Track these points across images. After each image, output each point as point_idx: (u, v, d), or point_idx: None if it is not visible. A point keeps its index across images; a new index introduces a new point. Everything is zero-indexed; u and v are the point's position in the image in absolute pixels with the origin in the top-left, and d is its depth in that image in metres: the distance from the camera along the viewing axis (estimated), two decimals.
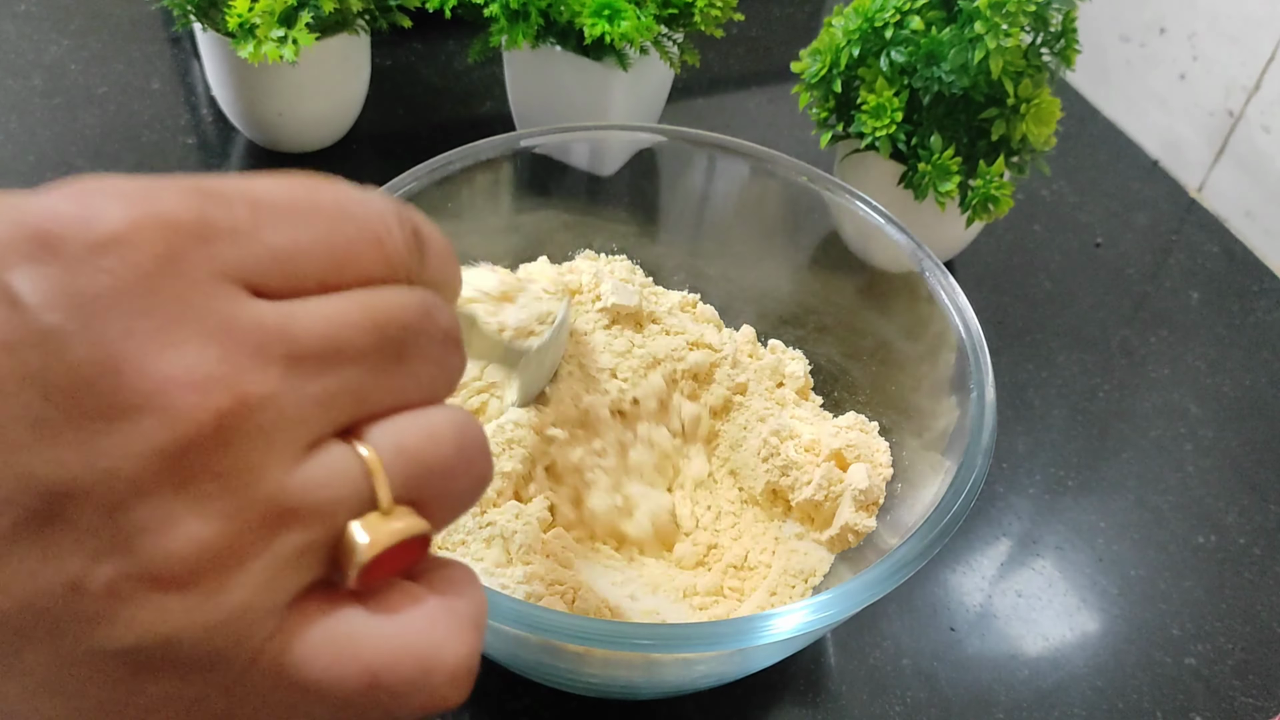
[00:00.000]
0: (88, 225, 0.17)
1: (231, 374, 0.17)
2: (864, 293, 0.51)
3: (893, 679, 0.47)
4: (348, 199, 0.20)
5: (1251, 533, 0.55)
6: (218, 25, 0.59)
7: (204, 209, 0.18)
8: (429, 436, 0.20)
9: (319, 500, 0.18)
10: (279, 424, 0.18)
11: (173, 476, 0.17)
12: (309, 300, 0.19)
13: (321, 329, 0.18)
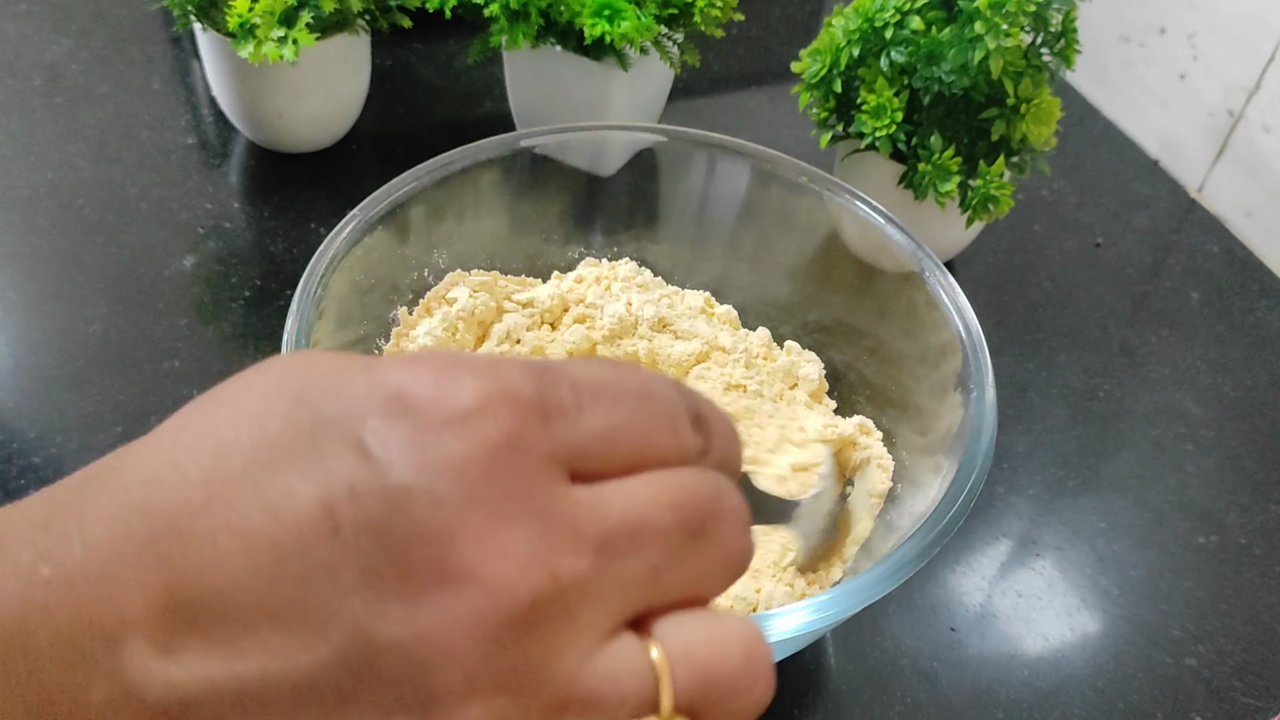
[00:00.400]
0: (445, 394, 0.18)
1: (550, 554, 0.18)
2: (864, 293, 0.51)
3: (893, 679, 0.47)
4: (648, 383, 0.21)
5: (1252, 533, 0.55)
6: (218, 25, 0.59)
7: (543, 389, 0.19)
8: (718, 645, 0.19)
9: (606, 695, 0.18)
10: (585, 606, 0.18)
11: (484, 650, 0.17)
12: (616, 483, 0.19)
13: (629, 510, 0.19)
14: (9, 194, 0.63)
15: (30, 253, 0.60)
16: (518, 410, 0.18)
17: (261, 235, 0.63)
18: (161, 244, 0.62)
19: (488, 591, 0.17)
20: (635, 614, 0.19)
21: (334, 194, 0.66)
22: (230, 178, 0.66)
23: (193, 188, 0.65)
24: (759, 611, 0.42)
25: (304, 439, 0.18)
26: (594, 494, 0.19)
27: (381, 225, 0.47)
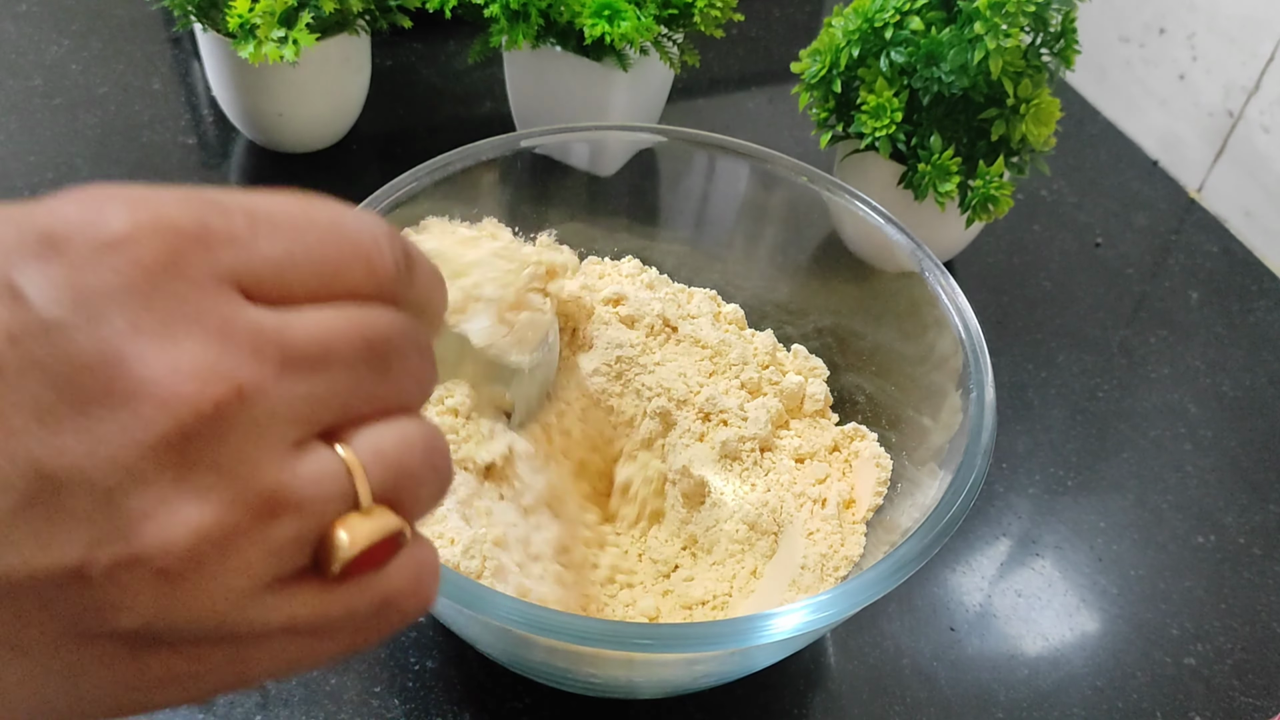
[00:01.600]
0: (93, 227, 0.18)
1: (229, 368, 0.18)
2: (864, 293, 0.51)
3: (892, 679, 0.48)
4: (342, 218, 0.21)
5: (1251, 532, 0.55)
6: (218, 25, 0.59)
7: (204, 216, 0.19)
8: (403, 442, 0.21)
9: (309, 496, 0.19)
10: (272, 419, 0.18)
11: (171, 465, 0.17)
12: (301, 309, 0.20)
13: (313, 334, 0.19)
14: (9, 194, 0.63)
15: None
16: (171, 236, 0.18)
17: None
18: None
19: (162, 403, 0.17)
20: (326, 429, 0.20)
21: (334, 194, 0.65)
22: (230, 178, 0.66)
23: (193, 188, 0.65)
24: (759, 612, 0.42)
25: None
26: (276, 316, 0.19)
27: None
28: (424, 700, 0.45)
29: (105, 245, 0.18)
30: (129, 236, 0.18)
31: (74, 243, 0.18)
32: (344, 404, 0.20)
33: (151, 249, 0.18)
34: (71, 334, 0.17)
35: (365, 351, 0.20)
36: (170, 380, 0.17)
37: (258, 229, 0.19)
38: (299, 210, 0.21)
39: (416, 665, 0.46)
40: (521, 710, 0.45)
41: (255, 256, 0.19)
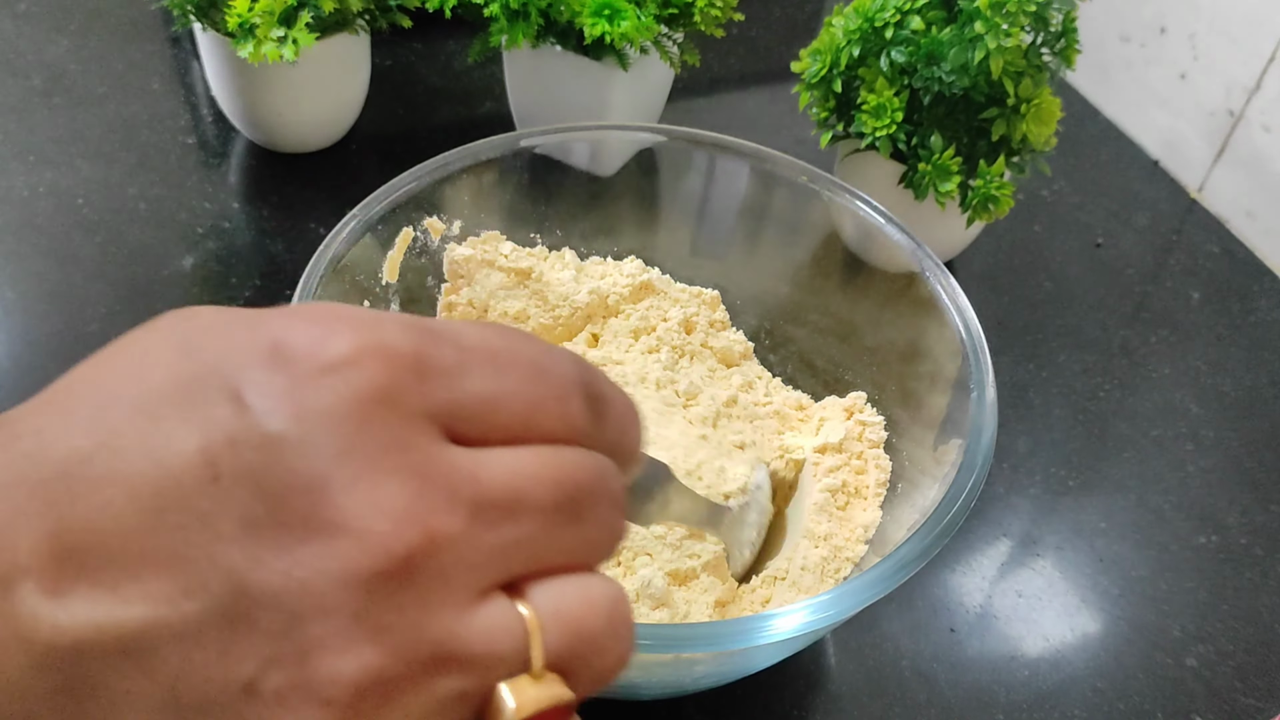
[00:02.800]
0: (319, 345, 0.18)
1: (426, 512, 0.18)
2: (864, 293, 0.51)
3: (893, 679, 0.47)
4: (543, 356, 0.21)
5: (1253, 533, 0.55)
6: (218, 25, 0.59)
7: (421, 345, 0.19)
8: (586, 604, 0.20)
9: (481, 652, 0.19)
10: (458, 567, 0.18)
11: (356, 601, 0.17)
12: (498, 451, 0.20)
13: (507, 480, 0.19)
14: (9, 194, 0.63)
15: (30, 253, 0.60)
16: (391, 363, 0.18)
17: (261, 235, 0.63)
18: (161, 244, 0.62)
19: (360, 543, 0.17)
20: (512, 578, 0.19)
21: (334, 194, 0.66)
22: (230, 178, 0.66)
23: (192, 188, 0.65)
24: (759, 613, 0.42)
25: (186, 389, 0.18)
26: (473, 458, 0.19)
27: (381, 225, 0.47)
28: None
29: (329, 366, 0.18)
30: (352, 360, 0.18)
31: (300, 358, 0.18)
32: (530, 554, 0.20)
33: (371, 376, 0.18)
34: (286, 450, 0.17)
35: (558, 498, 0.20)
36: (370, 518, 0.17)
37: (467, 362, 0.19)
38: (503, 345, 0.20)
39: None
40: None
41: (462, 393, 0.19)
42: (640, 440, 0.23)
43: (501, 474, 0.19)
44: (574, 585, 0.20)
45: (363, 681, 0.18)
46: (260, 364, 0.18)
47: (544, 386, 0.20)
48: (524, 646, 0.19)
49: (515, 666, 0.19)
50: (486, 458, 0.19)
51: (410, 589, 0.18)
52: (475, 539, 0.18)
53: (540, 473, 0.20)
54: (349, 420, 0.18)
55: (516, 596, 0.19)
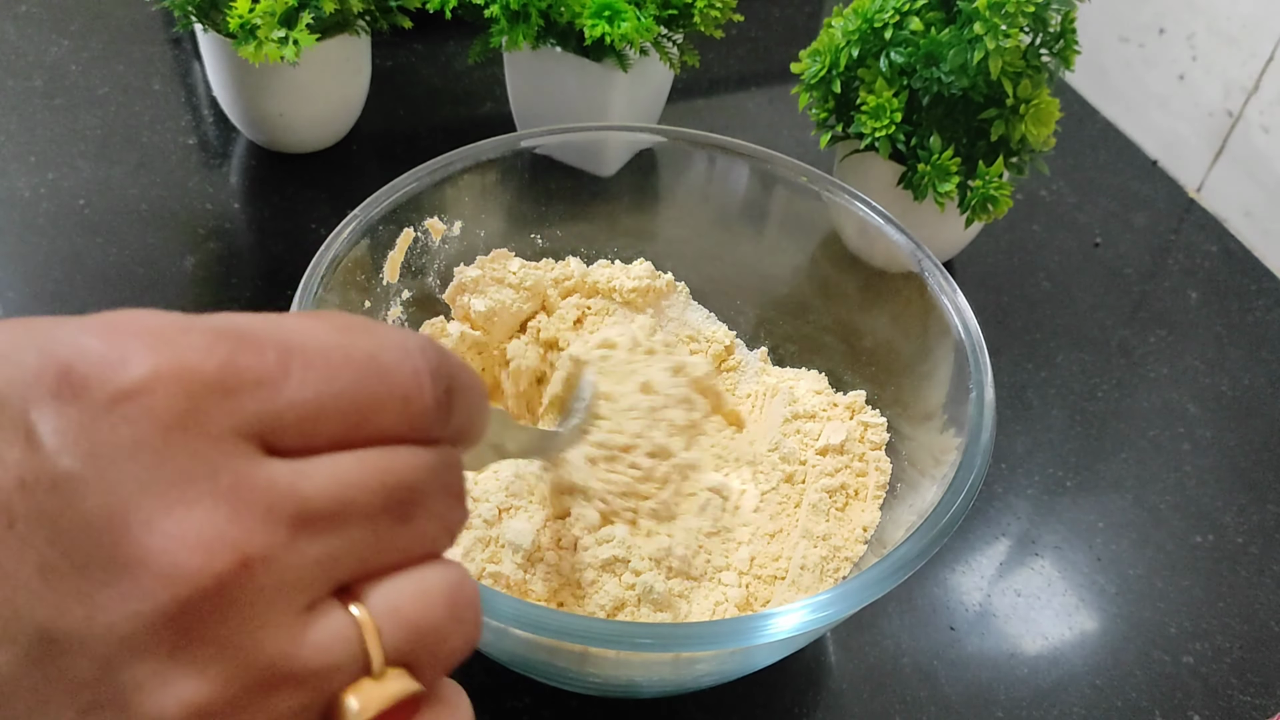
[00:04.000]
0: (113, 370, 0.17)
1: (237, 536, 0.17)
2: (864, 293, 0.51)
3: (892, 678, 0.48)
4: (383, 351, 0.20)
5: (1249, 532, 0.55)
6: (219, 26, 0.59)
7: (233, 357, 0.18)
8: (422, 597, 0.20)
9: (316, 665, 0.18)
10: (280, 587, 0.18)
11: (168, 638, 0.17)
12: (322, 459, 0.19)
13: (331, 490, 0.19)
14: (9, 194, 0.63)
15: (30, 253, 0.60)
16: (190, 385, 0.18)
17: (262, 235, 0.63)
18: (161, 244, 0.62)
19: (164, 578, 0.17)
20: (341, 584, 0.19)
21: (334, 194, 0.66)
22: (230, 178, 0.66)
23: (193, 188, 0.65)
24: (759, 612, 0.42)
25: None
26: (293, 470, 0.18)
27: (381, 225, 0.47)
28: None
29: (122, 393, 0.17)
30: (146, 386, 0.17)
31: (92, 386, 0.17)
32: (361, 560, 0.19)
33: (168, 401, 0.17)
34: (80, 489, 0.17)
35: (387, 502, 0.19)
36: (173, 551, 0.17)
37: (290, 368, 0.19)
38: (336, 344, 0.19)
39: None
40: (521, 710, 0.45)
41: (281, 403, 0.18)
42: (486, 421, 0.23)
43: (324, 484, 0.18)
44: (409, 580, 0.20)
45: (190, 715, 0.17)
46: (50, 395, 0.17)
47: (382, 385, 0.20)
48: (361, 650, 0.19)
49: (355, 671, 0.19)
50: (309, 468, 0.18)
51: (228, 615, 0.17)
52: (297, 554, 0.18)
53: (366, 478, 0.19)
54: (146, 452, 0.17)
55: (351, 600, 0.19)
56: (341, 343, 0.19)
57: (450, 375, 0.21)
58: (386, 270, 0.48)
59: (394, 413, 0.20)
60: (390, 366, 0.20)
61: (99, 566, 0.17)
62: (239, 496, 0.17)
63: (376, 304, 0.48)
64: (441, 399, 0.21)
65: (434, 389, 0.20)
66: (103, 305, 0.57)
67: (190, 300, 0.59)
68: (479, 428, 0.23)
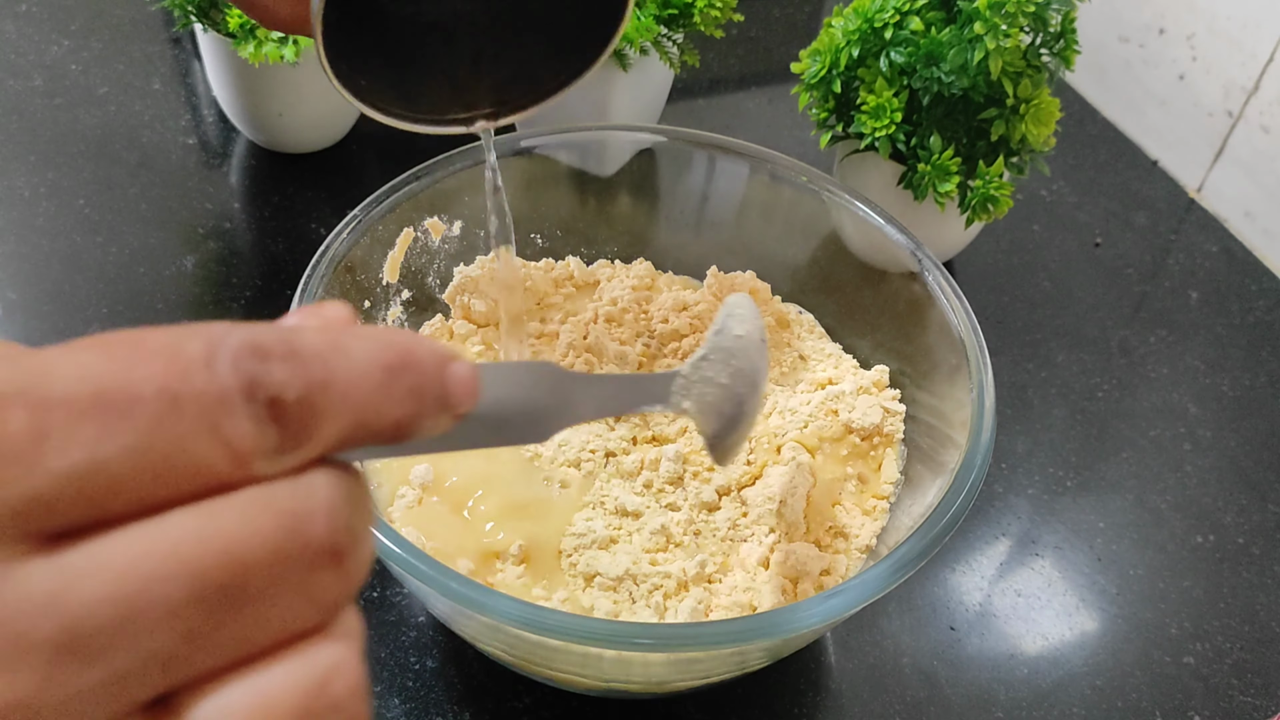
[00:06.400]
0: None
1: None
2: (864, 293, 0.51)
3: (892, 678, 0.48)
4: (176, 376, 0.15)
5: (1250, 532, 0.55)
6: (219, 26, 0.59)
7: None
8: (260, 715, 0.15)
9: None
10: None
11: None
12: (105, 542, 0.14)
13: (110, 589, 0.14)
14: (10, 194, 0.63)
15: (30, 253, 0.60)
16: None
17: (262, 235, 0.63)
18: (161, 244, 0.62)
19: None
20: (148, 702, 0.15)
21: (334, 194, 0.66)
22: (230, 178, 0.66)
23: (193, 188, 0.65)
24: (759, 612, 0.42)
25: None
26: (56, 573, 0.14)
27: (381, 225, 0.47)
28: (424, 700, 0.45)
29: None
30: None
31: None
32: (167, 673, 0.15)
33: None
34: None
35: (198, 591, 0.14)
36: None
37: (48, 429, 0.14)
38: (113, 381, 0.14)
39: (416, 665, 0.46)
40: (521, 710, 0.45)
41: (42, 478, 0.14)
42: (419, 387, 0.17)
43: (100, 585, 0.14)
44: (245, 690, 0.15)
45: None
46: None
47: (182, 425, 0.15)
48: None
49: None
50: (81, 564, 0.14)
51: None
52: (60, 691, 0.14)
53: (164, 564, 0.14)
54: None
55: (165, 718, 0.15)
56: (119, 379, 0.15)
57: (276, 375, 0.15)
58: (386, 270, 0.48)
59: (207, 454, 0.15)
60: (187, 397, 0.15)
61: None
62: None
63: (376, 304, 0.48)
64: (267, 415, 0.15)
65: (249, 403, 0.15)
66: (103, 305, 0.58)
67: (190, 300, 0.59)
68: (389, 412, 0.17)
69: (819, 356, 0.51)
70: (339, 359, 0.16)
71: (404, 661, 0.46)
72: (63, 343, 0.15)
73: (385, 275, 0.48)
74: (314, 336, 0.16)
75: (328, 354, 0.16)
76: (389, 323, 0.49)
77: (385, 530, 0.35)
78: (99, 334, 0.15)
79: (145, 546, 0.14)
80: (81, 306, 0.58)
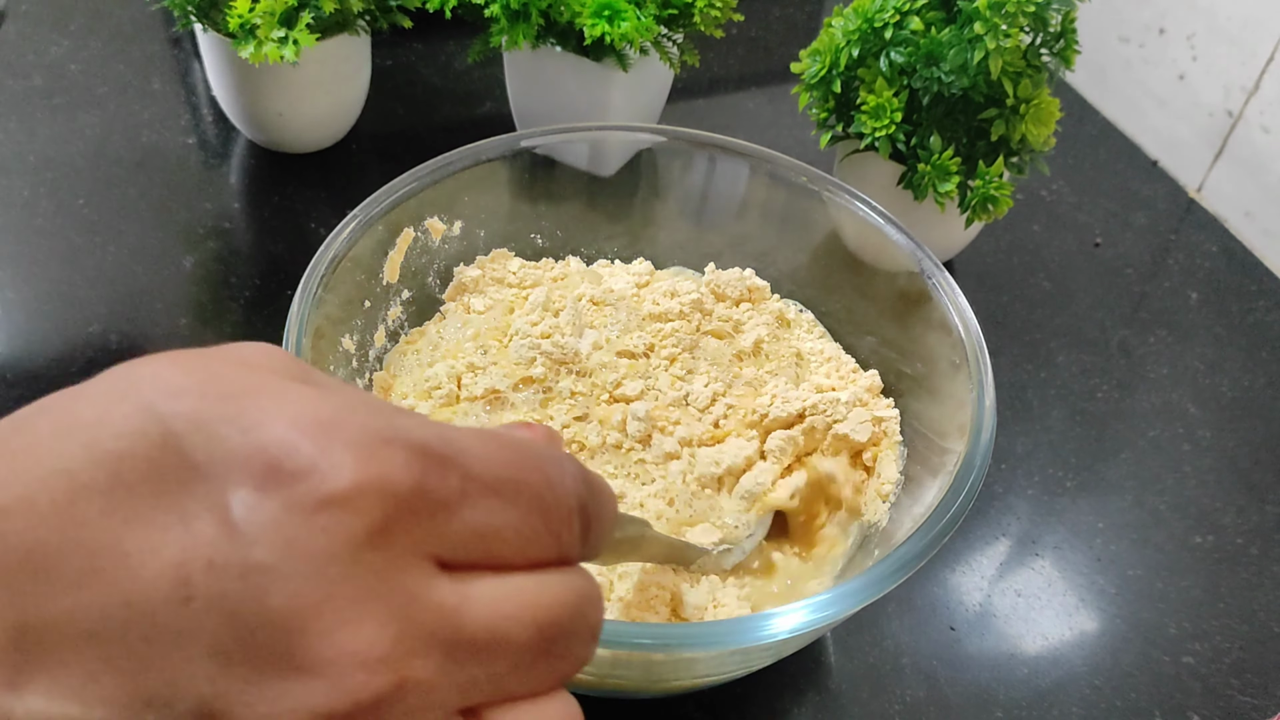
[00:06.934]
0: (319, 475, 0.18)
1: (400, 657, 0.18)
2: (864, 293, 0.51)
3: (892, 678, 0.48)
4: (547, 490, 0.21)
5: (1248, 532, 0.55)
6: (218, 26, 0.59)
7: (424, 477, 0.19)
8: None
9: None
10: (425, 706, 0.18)
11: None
12: (484, 582, 0.19)
13: (488, 619, 0.19)
14: (9, 194, 0.63)
15: (30, 253, 0.60)
16: (390, 503, 0.18)
17: (261, 235, 0.63)
18: (161, 244, 0.62)
19: (332, 688, 0.17)
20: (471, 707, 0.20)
21: (334, 194, 0.66)
22: (230, 178, 0.66)
23: (193, 188, 0.65)
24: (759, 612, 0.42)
25: (164, 489, 0.18)
26: (458, 593, 0.19)
27: (381, 225, 0.47)
28: None
29: (326, 501, 0.18)
30: (348, 498, 0.18)
31: (298, 488, 0.18)
32: (496, 689, 0.20)
33: (367, 516, 0.18)
34: (268, 584, 0.17)
35: (535, 639, 0.20)
36: (343, 664, 0.17)
37: (468, 493, 0.19)
38: (510, 475, 0.20)
39: None
40: None
41: (460, 527, 0.19)
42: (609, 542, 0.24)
43: (484, 613, 0.19)
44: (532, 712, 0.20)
45: None
46: (251, 482, 0.18)
47: (544, 519, 0.20)
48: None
49: None
50: (473, 592, 0.19)
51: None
52: (445, 679, 0.19)
53: (522, 613, 0.20)
54: (338, 561, 0.18)
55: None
56: (517, 474, 0.20)
57: (592, 501, 0.22)
58: (386, 270, 0.48)
59: (548, 544, 0.21)
60: (552, 503, 0.21)
61: (271, 662, 0.17)
62: (408, 616, 0.18)
63: (376, 304, 0.48)
64: (586, 524, 0.22)
65: (581, 517, 0.21)
66: (103, 305, 0.58)
67: (190, 299, 0.59)
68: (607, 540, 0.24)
69: (818, 360, 0.51)
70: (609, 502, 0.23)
71: None
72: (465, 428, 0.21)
73: (385, 275, 0.48)
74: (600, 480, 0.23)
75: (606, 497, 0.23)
76: (389, 322, 0.49)
77: None
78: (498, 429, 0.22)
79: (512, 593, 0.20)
80: (81, 306, 0.58)
